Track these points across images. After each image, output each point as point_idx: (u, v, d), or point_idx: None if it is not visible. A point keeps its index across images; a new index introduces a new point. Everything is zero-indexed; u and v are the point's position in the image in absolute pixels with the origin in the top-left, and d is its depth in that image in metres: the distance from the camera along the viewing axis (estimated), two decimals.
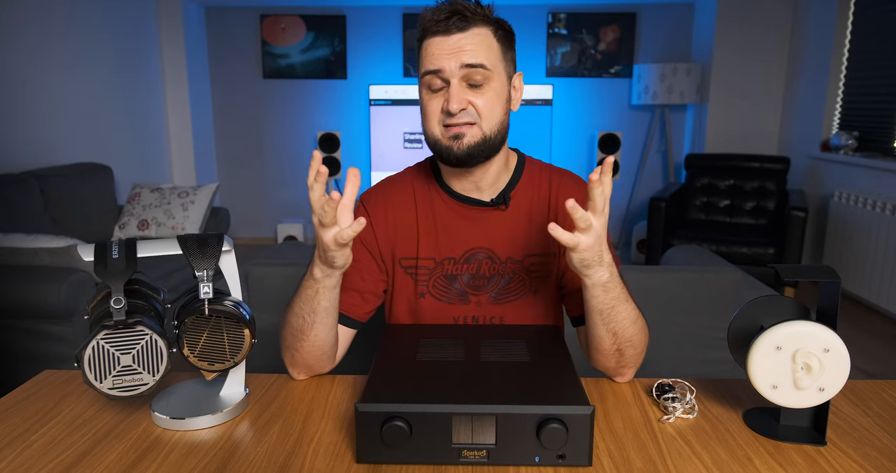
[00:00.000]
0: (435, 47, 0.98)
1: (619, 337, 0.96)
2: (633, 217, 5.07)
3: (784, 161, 4.07)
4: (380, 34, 4.95)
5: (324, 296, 0.96)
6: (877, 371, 2.77)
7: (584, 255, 0.88)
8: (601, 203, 0.86)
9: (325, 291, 0.95)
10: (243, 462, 0.79)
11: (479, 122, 0.99)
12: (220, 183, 5.02)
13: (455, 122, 0.98)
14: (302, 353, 1.00)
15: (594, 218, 0.86)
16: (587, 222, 0.85)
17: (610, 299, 0.93)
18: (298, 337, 0.99)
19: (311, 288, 0.96)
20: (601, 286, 0.92)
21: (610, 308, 0.94)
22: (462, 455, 0.78)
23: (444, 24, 0.97)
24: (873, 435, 0.86)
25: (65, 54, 3.56)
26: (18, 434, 0.87)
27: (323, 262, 0.93)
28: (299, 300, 0.97)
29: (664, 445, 0.83)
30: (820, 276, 0.85)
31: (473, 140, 0.99)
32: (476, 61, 0.97)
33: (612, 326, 0.95)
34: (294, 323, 0.98)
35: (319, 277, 0.94)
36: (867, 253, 3.47)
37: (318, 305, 0.96)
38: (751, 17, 4.45)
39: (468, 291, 1.10)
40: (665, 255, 2.19)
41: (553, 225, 0.84)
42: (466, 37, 0.98)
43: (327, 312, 0.97)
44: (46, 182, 3.09)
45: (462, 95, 0.98)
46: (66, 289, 2.13)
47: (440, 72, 0.98)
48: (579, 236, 0.86)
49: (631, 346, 0.97)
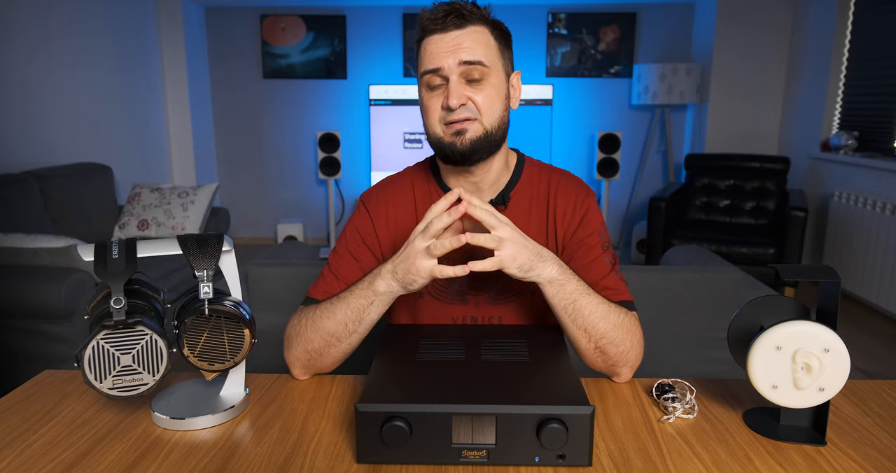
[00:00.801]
0: (433, 46, 0.99)
1: (592, 334, 0.96)
2: (633, 217, 5.07)
3: (784, 161, 4.08)
4: (380, 34, 4.95)
5: (375, 310, 0.97)
6: (877, 371, 2.77)
7: (516, 263, 0.90)
8: (488, 217, 0.89)
9: (379, 305, 0.97)
10: (243, 462, 0.79)
11: (480, 118, 1.00)
12: (220, 183, 5.03)
13: (455, 118, 0.99)
14: (326, 359, 1.00)
15: (496, 233, 0.89)
16: (494, 240, 0.89)
17: (569, 293, 0.94)
18: (332, 344, 0.99)
19: (366, 298, 0.96)
20: (557, 281, 0.93)
21: (572, 302, 0.94)
22: (462, 455, 0.78)
23: (441, 22, 0.98)
24: (873, 435, 0.86)
25: (65, 54, 3.56)
26: (18, 434, 0.87)
27: (396, 280, 0.94)
28: (346, 308, 0.97)
29: (664, 445, 0.83)
30: (820, 276, 0.85)
31: (475, 134, 1.00)
32: (474, 58, 0.98)
33: (580, 323, 0.95)
34: (331, 329, 0.98)
35: (382, 291, 0.95)
36: (867, 253, 3.47)
37: (366, 317, 0.97)
38: (751, 17, 4.45)
39: (467, 291, 1.10)
40: (665, 255, 2.19)
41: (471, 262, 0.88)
42: (464, 34, 0.98)
43: (370, 325, 0.99)
44: (46, 182, 3.09)
45: (461, 91, 0.98)
46: (66, 289, 2.13)
47: (439, 70, 0.98)
48: (499, 254, 0.89)
49: (610, 344, 0.97)
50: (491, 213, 0.90)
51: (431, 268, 0.90)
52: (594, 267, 1.05)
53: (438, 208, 0.89)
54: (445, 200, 0.89)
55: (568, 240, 1.08)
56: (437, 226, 0.89)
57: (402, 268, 0.93)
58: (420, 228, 0.91)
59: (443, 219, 0.89)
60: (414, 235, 0.92)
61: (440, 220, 0.89)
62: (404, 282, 0.93)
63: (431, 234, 0.89)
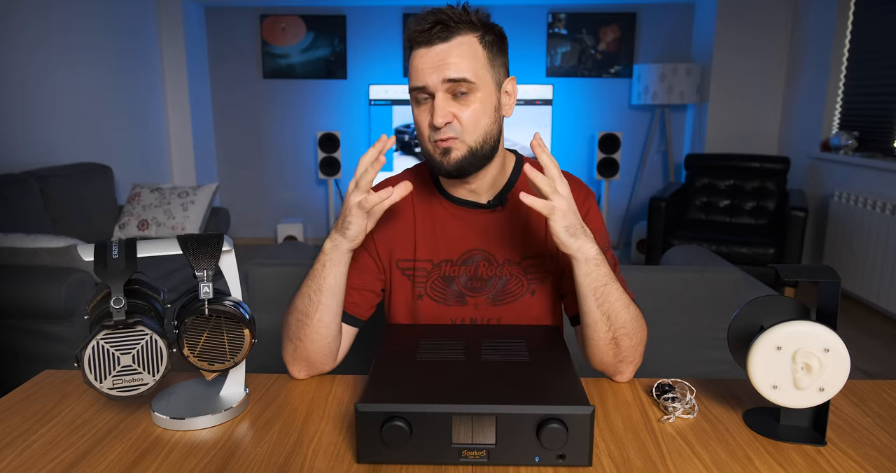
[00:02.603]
0: (418, 61, 0.98)
1: (614, 322, 0.96)
2: (633, 217, 5.07)
3: (784, 161, 4.08)
4: (380, 34, 4.95)
5: (330, 272, 0.98)
6: (877, 371, 2.77)
7: (566, 221, 0.91)
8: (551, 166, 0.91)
9: (332, 265, 0.98)
10: (243, 462, 0.79)
11: (462, 137, 0.99)
12: (220, 183, 5.02)
13: (440, 137, 0.99)
14: (305, 342, 1.00)
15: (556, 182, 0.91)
16: (550, 185, 0.90)
17: (602, 275, 0.95)
18: (303, 322, 1.00)
19: (319, 262, 0.99)
20: (593, 260, 0.94)
21: (603, 285, 0.95)
22: (462, 455, 0.78)
23: (426, 34, 0.96)
24: (873, 435, 0.86)
25: (65, 54, 3.56)
26: (18, 434, 0.87)
27: (336, 230, 0.97)
28: (308, 279, 1.00)
29: (664, 445, 0.83)
30: (820, 276, 0.85)
31: (460, 154, 0.99)
32: (458, 75, 0.96)
33: (605, 308, 0.96)
34: (300, 306, 1.00)
35: (328, 249, 0.98)
36: (867, 253, 3.47)
37: (324, 282, 0.98)
38: (751, 17, 4.45)
39: (466, 293, 1.10)
40: (665, 255, 2.19)
41: (524, 193, 0.90)
42: (450, 48, 0.96)
43: (332, 292, 0.99)
44: (46, 182, 3.09)
45: (447, 108, 0.98)
46: (66, 289, 2.13)
47: (424, 88, 0.98)
48: (552, 203, 0.90)
49: (626, 335, 0.97)
50: (555, 165, 0.92)
51: (359, 200, 0.94)
52: None
53: (367, 159, 0.93)
54: (375, 149, 0.93)
55: None
56: (367, 178, 0.93)
57: (339, 223, 0.97)
58: (352, 185, 0.95)
59: (369, 172, 0.93)
60: (349, 192, 0.95)
61: (367, 174, 0.93)
62: (340, 227, 0.97)
63: (363, 190, 0.94)
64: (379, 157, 0.92)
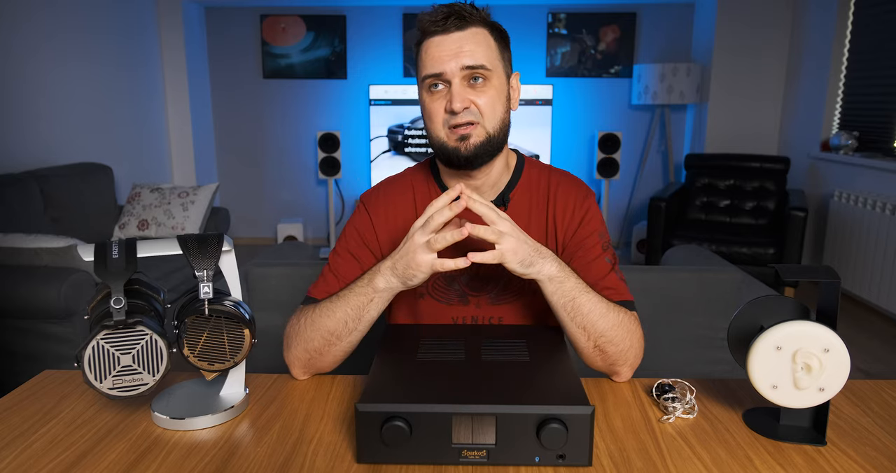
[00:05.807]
0: (435, 49, 0.99)
1: (591, 333, 0.96)
2: (633, 217, 5.07)
3: (784, 161, 4.08)
4: (380, 34, 4.95)
5: (375, 307, 0.97)
6: (877, 371, 2.77)
7: (518, 258, 0.90)
8: (488, 212, 0.90)
9: (379, 302, 0.96)
10: (243, 462, 0.79)
11: (482, 121, 1.00)
12: (220, 183, 5.02)
13: (459, 122, 0.99)
14: (326, 358, 1.00)
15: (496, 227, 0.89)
16: (495, 233, 0.89)
17: (568, 290, 0.94)
18: (332, 342, 0.99)
19: (365, 295, 0.96)
20: (556, 278, 0.93)
21: (571, 299, 0.94)
22: (462, 455, 0.78)
23: (442, 23, 0.98)
24: (873, 435, 0.86)
25: (65, 54, 3.56)
26: (18, 434, 0.87)
27: (395, 275, 0.94)
28: (346, 306, 0.97)
29: (664, 445, 0.83)
30: (820, 276, 0.85)
31: (479, 139, 1.00)
32: (476, 62, 0.98)
33: (579, 321, 0.95)
34: (331, 327, 0.98)
35: (382, 288, 0.95)
36: (867, 253, 3.47)
37: (366, 314, 0.97)
38: (751, 17, 4.45)
39: (467, 292, 1.10)
40: (665, 255, 2.18)
41: (471, 253, 0.89)
42: (465, 36, 0.98)
43: (370, 323, 0.98)
44: (46, 182, 3.09)
45: (464, 94, 0.99)
46: (66, 289, 2.13)
47: (441, 75, 0.99)
48: (499, 248, 0.89)
49: (608, 343, 0.97)
50: (491, 208, 0.91)
51: (432, 262, 0.90)
52: (594, 267, 1.05)
53: (440, 203, 0.90)
54: (447, 196, 0.90)
55: (568, 241, 1.09)
56: (437, 220, 0.89)
57: (401, 264, 0.93)
58: (420, 223, 0.91)
59: (444, 213, 0.89)
60: (413, 230, 0.92)
61: (441, 215, 0.89)
62: (404, 277, 0.93)
63: (432, 229, 0.90)
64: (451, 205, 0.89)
